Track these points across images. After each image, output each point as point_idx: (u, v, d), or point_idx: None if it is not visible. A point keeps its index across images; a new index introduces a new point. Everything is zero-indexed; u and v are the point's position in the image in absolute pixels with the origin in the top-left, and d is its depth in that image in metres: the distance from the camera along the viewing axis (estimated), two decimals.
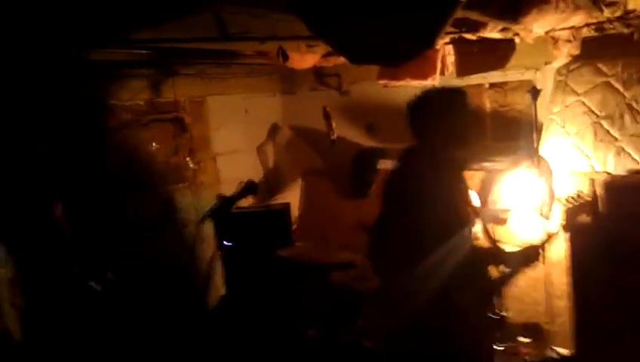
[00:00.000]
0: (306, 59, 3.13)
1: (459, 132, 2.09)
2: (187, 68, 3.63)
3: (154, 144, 3.56)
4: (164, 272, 3.06)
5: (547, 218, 3.21)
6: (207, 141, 3.89)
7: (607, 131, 3.21)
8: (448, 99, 2.13)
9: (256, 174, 4.12)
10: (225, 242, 2.49)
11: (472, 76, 3.62)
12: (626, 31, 3.01)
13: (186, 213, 3.60)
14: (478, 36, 2.97)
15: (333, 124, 3.57)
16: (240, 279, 3.09)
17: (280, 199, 3.77)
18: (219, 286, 3.22)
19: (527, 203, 3.26)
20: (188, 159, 3.74)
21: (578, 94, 3.32)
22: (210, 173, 3.88)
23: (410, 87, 3.30)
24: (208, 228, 2.91)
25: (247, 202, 3.16)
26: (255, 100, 4.25)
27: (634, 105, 3.13)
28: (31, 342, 2.33)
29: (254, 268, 2.99)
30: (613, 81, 3.24)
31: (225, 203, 2.28)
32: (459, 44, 3.29)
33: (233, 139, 4.06)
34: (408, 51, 1.72)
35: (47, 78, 2.65)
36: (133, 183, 3.31)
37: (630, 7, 2.67)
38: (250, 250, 3.04)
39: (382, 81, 3.52)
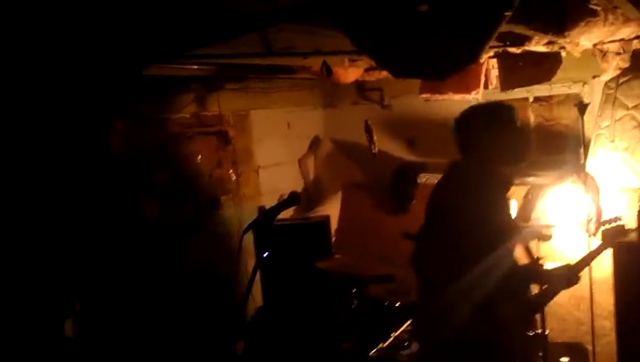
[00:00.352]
0: (349, 73, 3.17)
1: (507, 147, 2.07)
2: (232, 82, 3.73)
3: (199, 156, 3.66)
4: (208, 282, 3.13)
5: (593, 235, 3.13)
6: (250, 154, 3.97)
7: None
8: (496, 114, 2.11)
9: (297, 186, 4.17)
10: (264, 254, 2.52)
11: (517, 90, 3.59)
12: None
13: (229, 224, 3.67)
14: (523, 50, 2.95)
15: (375, 138, 3.60)
16: (278, 291, 3.13)
17: (320, 211, 3.81)
18: (257, 298, 3.27)
19: (573, 220, 3.19)
20: (231, 171, 3.82)
21: (628, 108, 3.25)
22: (252, 185, 3.95)
23: (453, 101, 3.29)
24: (249, 241, 2.97)
25: (288, 214, 3.20)
26: (297, 114, 4.32)
27: None
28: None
29: (292, 280, 3.02)
30: None
31: (268, 214, 2.32)
32: (503, 57, 3.26)
33: (275, 152, 4.13)
34: (452, 66, 1.73)
35: (108, 95, 2.75)
36: (180, 195, 3.40)
37: None
38: (289, 262, 3.07)
39: (424, 95, 3.52)
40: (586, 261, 2.31)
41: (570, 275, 2.17)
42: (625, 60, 3.23)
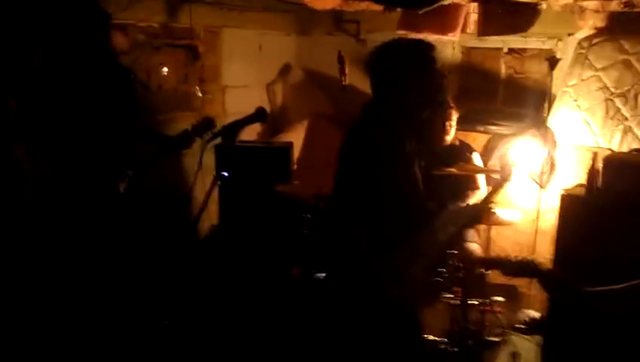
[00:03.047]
0: None
1: (425, 88, 1.94)
2: None
3: (165, 69, 3.58)
4: (165, 199, 3.15)
5: (543, 187, 3.30)
6: (218, 72, 3.92)
7: (619, 109, 3.25)
8: (416, 51, 1.95)
9: None
10: (223, 173, 2.56)
11: (492, 39, 3.63)
12: None
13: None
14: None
15: (346, 71, 3.60)
16: (234, 211, 3.19)
17: (284, 138, 3.84)
18: (212, 217, 3.33)
19: (527, 170, 3.34)
20: (197, 88, 3.77)
21: (596, 69, 3.34)
22: (218, 104, 3.93)
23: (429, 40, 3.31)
24: (209, 159, 2.98)
25: (252, 136, 3.23)
26: (270, 38, 4.26)
27: None
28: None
29: (249, 201, 3.08)
30: (633, 60, 3.24)
31: (232, 126, 2.34)
32: (484, 2, 3.29)
33: (244, 74, 4.09)
34: None
35: None
36: (141, 107, 3.34)
37: None
38: (248, 184, 3.12)
39: (400, 32, 3.52)
40: (486, 200, 2.38)
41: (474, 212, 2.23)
42: (601, 20, 3.31)
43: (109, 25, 2.78)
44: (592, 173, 2.66)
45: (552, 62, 3.12)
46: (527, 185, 3.41)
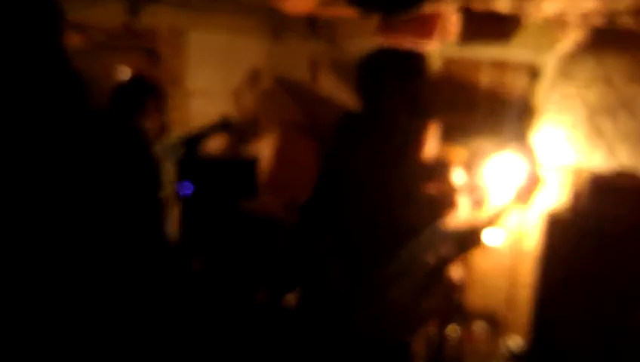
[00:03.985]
0: (301, 1, 2.99)
1: (414, 99, 1.91)
2: None
3: (123, 72, 3.43)
4: (122, 209, 2.95)
5: (524, 205, 3.21)
6: (181, 77, 3.76)
7: (600, 126, 3.21)
8: (407, 60, 1.92)
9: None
10: (186, 187, 2.38)
11: (473, 50, 3.57)
12: (636, 27, 2.99)
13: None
14: (486, 8, 2.90)
15: (320, 79, 3.48)
16: (196, 229, 3.01)
17: (252, 149, 3.68)
18: (172, 232, 3.15)
19: (507, 187, 3.25)
20: None
21: (578, 85, 3.30)
22: (181, 111, 3.75)
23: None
24: (170, 171, 2.81)
25: (219, 144, 3.07)
26: (239, 42, 4.10)
27: (631, 103, 3.12)
28: None
29: (213, 217, 2.91)
30: (615, 77, 3.22)
31: (195, 137, 2.16)
32: (465, 13, 3.23)
33: (210, 80, 3.92)
34: None
35: None
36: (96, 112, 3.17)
37: None
38: (211, 199, 2.95)
39: (378, 39, 3.42)
40: (490, 220, 2.28)
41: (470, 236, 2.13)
42: (583, 35, 3.27)
43: (63, 23, 2.59)
44: (575, 194, 2.61)
45: (533, 76, 3.07)
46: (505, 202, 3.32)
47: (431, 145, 3.07)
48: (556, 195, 3.19)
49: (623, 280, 2.53)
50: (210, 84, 3.93)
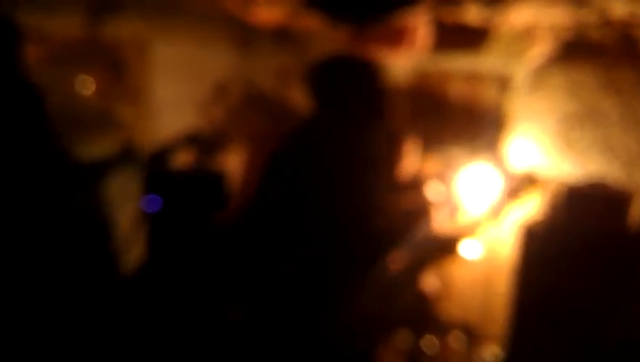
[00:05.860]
0: (271, 10, 3.01)
1: (374, 110, 1.94)
2: (136, 4, 3.44)
3: (85, 85, 3.37)
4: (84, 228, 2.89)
5: (496, 217, 3.28)
6: (146, 89, 3.71)
7: (569, 136, 3.31)
8: (361, 67, 1.97)
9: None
10: (153, 202, 2.36)
11: (445, 61, 3.64)
12: (605, 39, 3.11)
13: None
14: (457, 20, 2.98)
15: (292, 90, 3.49)
16: (163, 245, 2.96)
17: (221, 162, 3.66)
18: (138, 252, 3.09)
19: (478, 199, 3.31)
20: (122, 107, 3.56)
21: (548, 95, 3.39)
22: (146, 125, 3.71)
23: (377, 58, 3.27)
24: (131, 187, 2.77)
25: (185, 159, 3.05)
26: (206, 53, 4.07)
27: (598, 113, 3.23)
28: None
29: (180, 234, 2.87)
30: (584, 86, 3.32)
31: (161, 152, 2.15)
32: (436, 25, 3.30)
33: (177, 92, 3.88)
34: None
35: None
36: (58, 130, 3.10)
37: (612, 14, 2.74)
38: (178, 216, 2.92)
39: (348, 48, 3.46)
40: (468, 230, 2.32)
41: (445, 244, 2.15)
42: (553, 46, 3.39)
43: (19, 35, 2.55)
44: (546, 204, 2.68)
45: (504, 87, 3.15)
46: (477, 215, 3.37)
47: (409, 160, 3.13)
48: (529, 205, 3.26)
49: (597, 288, 2.60)
50: (176, 97, 3.89)
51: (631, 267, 2.59)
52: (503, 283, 3.07)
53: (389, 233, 2.00)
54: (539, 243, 2.68)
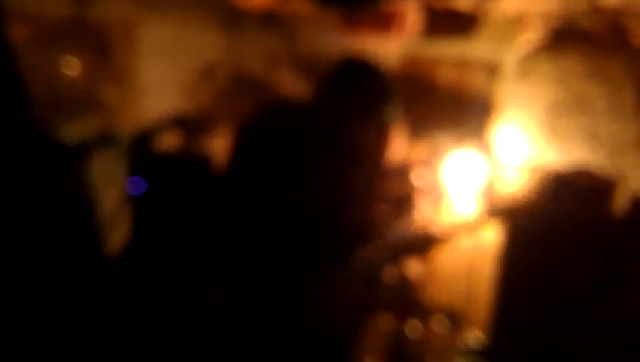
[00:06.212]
0: None
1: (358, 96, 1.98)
2: None
3: (70, 66, 3.34)
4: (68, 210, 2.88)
5: (480, 205, 3.30)
6: (133, 71, 3.67)
7: (556, 124, 3.32)
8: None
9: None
10: (138, 185, 2.35)
11: (434, 47, 3.64)
12: (595, 27, 3.11)
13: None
14: (447, 6, 2.97)
15: (280, 74, 3.48)
16: (148, 228, 2.97)
17: (207, 147, 3.65)
18: (123, 234, 3.09)
19: (462, 187, 3.33)
20: (109, 89, 3.54)
21: (536, 82, 3.39)
22: (132, 107, 3.67)
23: (367, 43, 3.27)
24: (116, 169, 2.76)
25: (171, 142, 3.05)
26: (194, 36, 4.03)
27: (585, 101, 3.24)
28: None
29: (164, 216, 2.88)
30: (572, 74, 3.33)
31: (145, 135, 2.14)
32: (426, 10, 3.29)
33: (164, 74, 3.86)
34: None
35: None
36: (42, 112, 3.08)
37: (602, 2, 2.74)
38: (163, 198, 2.92)
39: (338, 34, 3.46)
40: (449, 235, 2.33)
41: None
42: (543, 34, 3.39)
43: (4, 14, 2.52)
44: (531, 192, 2.70)
45: (492, 74, 3.15)
46: (461, 202, 3.39)
47: (396, 147, 3.13)
48: (514, 192, 3.28)
49: (580, 275, 2.63)
50: (163, 79, 3.86)
51: (614, 254, 2.62)
52: (487, 269, 3.10)
53: (370, 219, 2.00)
54: (523, 229, 2.71)
